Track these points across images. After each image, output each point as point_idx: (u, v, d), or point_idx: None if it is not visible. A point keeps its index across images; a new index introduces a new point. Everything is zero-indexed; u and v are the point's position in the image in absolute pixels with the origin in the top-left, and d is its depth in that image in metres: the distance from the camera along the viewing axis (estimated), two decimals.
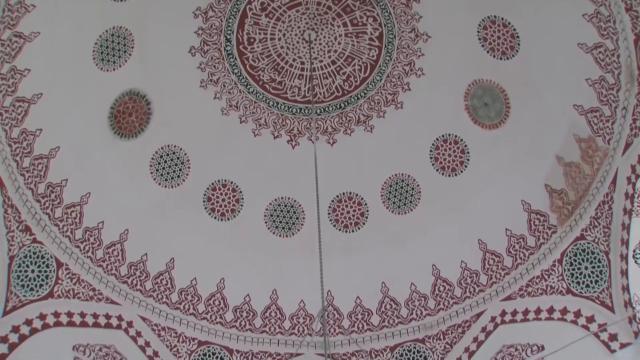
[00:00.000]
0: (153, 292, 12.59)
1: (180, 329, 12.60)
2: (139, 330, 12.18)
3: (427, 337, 12.79)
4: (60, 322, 11.22)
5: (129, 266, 12.45)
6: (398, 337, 12.89)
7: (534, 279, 11.91)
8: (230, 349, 12.80)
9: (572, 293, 11.26)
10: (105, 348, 11.70)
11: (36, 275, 11.00)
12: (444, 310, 12.84)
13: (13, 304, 10.59)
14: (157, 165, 12.94)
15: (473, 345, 12.31)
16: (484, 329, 12.29)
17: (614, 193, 10.45)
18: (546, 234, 11.95)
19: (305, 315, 13.28)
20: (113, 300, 12.05)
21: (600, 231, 10.81)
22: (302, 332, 13.05)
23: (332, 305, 13.20)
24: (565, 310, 11.29)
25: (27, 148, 10.97)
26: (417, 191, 13.41)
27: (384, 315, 13.14)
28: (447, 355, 12.52)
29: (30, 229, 10.97)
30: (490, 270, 12.58)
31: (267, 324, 13.15)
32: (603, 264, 10.78)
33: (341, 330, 13.03)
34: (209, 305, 13.00)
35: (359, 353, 12.90)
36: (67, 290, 11.43)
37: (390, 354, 12.84)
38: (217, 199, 13.39)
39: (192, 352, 12.59)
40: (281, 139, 13.45)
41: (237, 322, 13.04)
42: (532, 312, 11.75)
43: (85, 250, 11.91)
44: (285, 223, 13.63)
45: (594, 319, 10.85)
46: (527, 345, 11.62)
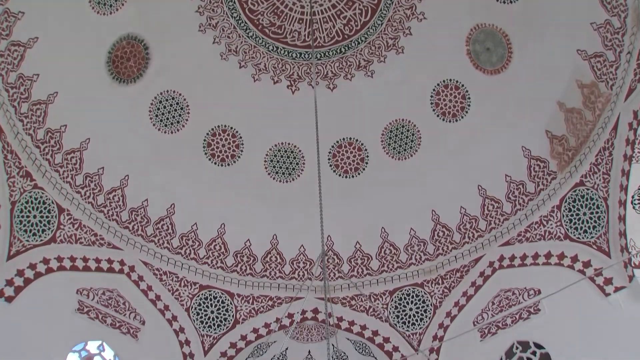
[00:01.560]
0: (154, 237, 12.70)
1: (181, 273, 12.76)
2: (140, 274, 12.35)
3: (426, 281, 12.96)
4: (63, 267, 11.37)
5: (130, 212, 12.52)
6: (397, 282, 13.07)
7: (532, 225, 11.99)
8: (231, 293, 13.00)
9: (570, 238, 11.35)
10: (108, 292, 11.87)
11: (38, 220, 11.08)
12: (442, 255, 12.99)
13: (17, 248, 10.71)
14: (157, 110, 12.86)
15: (471, 289, 12.49)
16: (482, 274, 12.45)
17: (614, 139, 10.41)
18: (546, 180, 11.97)
19: (305, 259, 13.43)
20: (115, 245, 12.17)
21: (600, 177, 10.82)
22: (302, 276, 13.22)
23: (332, 250, 13.34)
24: (562, 256, 11.40)
25: (25, 93, 10.88)
26: (417, 137, 13.37)
27: (383, 260, 13.29)
28: (446, 299, 12.71)
29: (31, 174, 10.99)
30: (490, 216, 12.65)
31: (268, 268, 13.32)
32: (601, 210, 10.83)
33: (341, 274, 13.20)
34: (210, 250, 13.13)
35: (359, 297, 13.10)
36: (69, 236, 11.52)
37: (389, 298, 13.03)
38: (217, 145, 13.36)
39: (194, 296, 12.78)
40: (281, 84, 13.31)
41: (237, 267, 13.20)
42: (530, 258, 11.87)
43: (86, 196, 11.95)
44: (285, 169, 13.63)
45: (590, 263, 10.97)
46: (524, 290, 11.78)
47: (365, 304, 13.03)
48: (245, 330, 12.81)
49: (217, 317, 12.80)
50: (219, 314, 12.84)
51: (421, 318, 12.77)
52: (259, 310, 12.99)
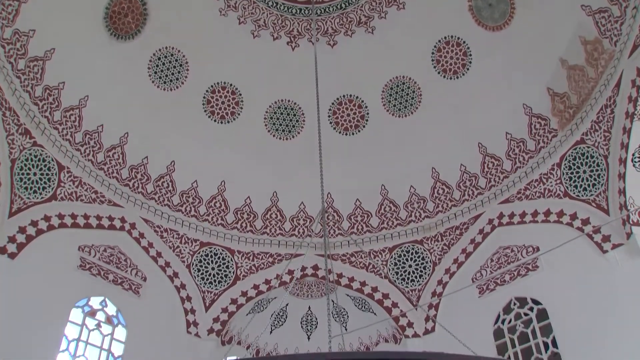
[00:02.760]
0: (154, 195, 12.73)
1: (182, 230, 12.84)
2: (141, 231, 12.42)
3: (425, 238, 13.05)
4: (64, 224, 11.42)
5: (130, 169, 12.53)
6: (397, 239, 13.16)
7: (532, 183, 12.01)
8: (232, 250, 13.10)
9: (569, 196, 11.38)
10: (109, 249, 11.95)
11: (38, 178, 11.08)
12: (442, 212, 13.04)
13: (18, 205, 10.74)
14: (156, 67, 12.73)
15: (470, 246, 12.58)
16: (481, 231, 12.52)
17: (617, 96, 10.34)
18: (546, 137, 11.94)
19: (305, 217, 13.50)
20: (115, 202, 12.22)
21: (601, 135, 10.78)
22: (302, 233, 13.30)
23: (332, 207, 13.39)
24: (561, 213, 11.45)
25: (21, 50, 10.76)
26: (418, 94, 13.27)
27: (383, 217, 13.35)
28: (445, 256, 12.81)
29: (30, 132, 10.95)
30: (489, 174, 12.66)
31: (268, 225, 13.39)
32: (601, 168, 10.83)
33: (341, 231, 13.27)
34: (210, 207, 13.18)
35: (358, 254, 13.20)
36: (70, 193, 11.55)
37: (389, 255, 13.14)
38: (217, 102, 13.28)
39: (195, 253, 12.88)
40: (281, 41, 13.14)
41: (238, 224, 13.27)
42: (529, 215, 11.92)
43: (86, 154, 11.94)
44: (286, 126, 13.57)
45: (589, 221, 11.01)
46: (523, 247, 11.86)
47: (364, 260, 13.14)
48: (246, 287, 12.95)
49: (217, 274, 12.93)
50: (220, 270, 12.96)
51: (420, 275, 12.89)
52: (259, 267, 13.11)
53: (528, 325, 11.25)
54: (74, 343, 10.80)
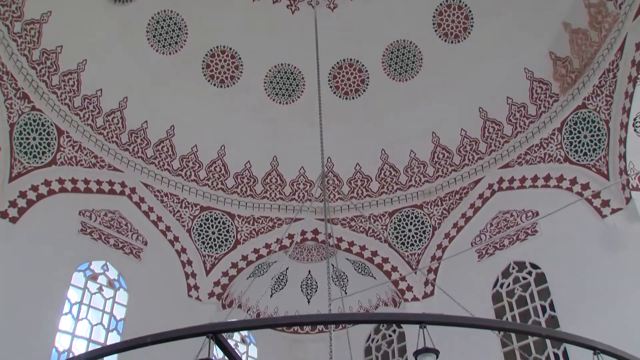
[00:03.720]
0: (154, 159, 12.72)
1: (182, 195, 12.86)
2: (142, 196, 12.45)
3: (425, 203, 13.08)
4: (65, 189, 11.43)
5: (130, 134, 12.49)
6: (397, 203, 13.20)
7: (532, 147, 11.99)
8: (232, 214, 13.14)
9: (570, 161, 11.37)
10: (110, 213, 11.99)
11: (38, 142, 11.06)
12: (442, 177, 13.04)
13: (18, 170, 10.73)
14: (154, 31, 12.59)
15: (470, 211, 12.62)
16: (481, 196, 12.54)
17: (620, 60, 10.24)
18: (547, 102, 11.87)
19: (305, 181, 13.50)
20: (115, 167, 12.21)
21: (603, 99, 10.72)
22: (302, 197, 13.33)
23: (332, 172, 13.39)
24: (561, 178, 11.45)
25: (17, 12, 10.62)
26: (419, 58, 13.14)
27: (383, 182, 13.36)
28: (444, 221, 12.86)
29: (28, 96, 10.88)
30: (490, 139, 12.63)
31: (268, 189, 13.41)
32: (602, 133, 10.80)
33: (341, 196, 13.28)
34: (210, 171, 13.18)
35: (358, 218, 13.25)
36: (70, 158, 11.54)
37: (388, 219, 13.18)
38: (216, 66, 13.16)
39: (195, 217, 12.93)
40: (280, 4, 12.96)
41: (238, 188, 13.29)
42: (529, 180, 11.93)
43: (85, 118, 11.89)
44: (285, 90, 13.48)
45: (588, 186, 11.02)
46: (522, 212, 11.89)
47: (364, 224, 13.20)
48: (246, 251, 13.03)
49: (218, 238, 13.00)
50: (220, 234, 13.02)
51: (420, 239, 12.96)
52: (260, 231, 13.17)
53: (526, 289, 11.35)
54: (76, 306, 10.90)
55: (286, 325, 13.16)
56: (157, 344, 4.24)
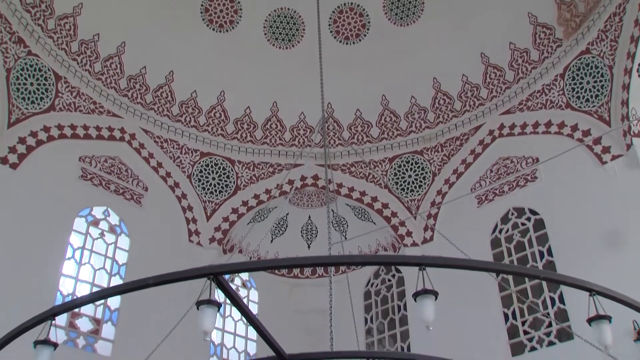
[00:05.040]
0: (154, 105, 12.64)
1: (182, 141, 12.83)
2: (142, 142, 12.43)
3: (426, 149, 13.06)
4: (64, 135, 11.41)
5: (128, 79, 12.37)
6: (397, 149, 13.18)
7: (534, 94, 11.91)
8: (232, 160, 13.14)
9: (571, 107, 11.31)
10: (110, 159, 11.99)
11: (35, 88, 10.97)
12: (443, 123, 12.99)
13: (16, 116, 10.69)
14: None
15: (470, 157, 12.61)
16: (481, 142, 12.52)
17: (627, 4, 10.06)
18: (551, 47, 11.72)
19: (305, 127, 13.45)
20: (114, 113, 12.15)
21: (607, 45, 10.58)
22: (302, 143, 13.30)
23: (332, 117, 13.31)
24: (562, 125, 11.41)
25: None
26: (421, 2, 12.88)
27: (383, 128, 13.30)
28: (444, 167, 12.86)
29: (24, 40, 10.74)
30: (491, 84, 12.52)
31: (268, 135, 13.36)
32: (605, 78, 10.71)
33: (341, 141, 13.26)
34: (210, 117, 13.11)
35: (358, 164, 13.25)
36: (68, 104, 11.47)
37: (388, 165, 13.19)
38: (215, 10, 12.90)
39: (195, 163, 12.93)
40: None
41: (238, 134, 13.24)
42: (530, 126, 11.89)
43: (82, 64, 11.76)
44: (285, 35, 13.27)
45: (589, 133, 10.99)
46: (523, 158, 11.89)
47: (364, 170, 13.21)
48: (247, 196, 13.08)
49: (218, 184, 13.03)
50: (220, 180, 13.05)
51: (420, 185, 12.99)
52: (260, 177, 13.19)
53: (525, 235, 11.44)
54: (79, 251, 11.01)
55: (286, 267, 13.34)
56: (159, 285, 4.28)
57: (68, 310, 6.40)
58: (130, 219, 11.88)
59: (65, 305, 4.85)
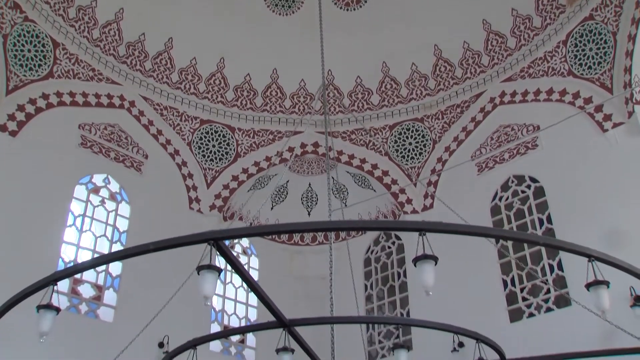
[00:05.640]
0: (153, 72, 12.55)
1: (182, 108, 12.77)
2: (141, 109, 12.38)
3: (426, 116, 13.01)
4: (63, 102, 11.37)
5: (127, 46, 12.26)
6: (397, 116, 13.12)
7: (536, 61, 11.82)
8: (232, 127, 13.09)
9: (573, 75, 11.23)
10: (110, 127, 11.96)
11: (33, 55, 10.89)
12: (443, 90, 12.91)
13: (14, 83, 10.64)
14: None
15: (470, 125, 12.57)
16: (482, 110, 12.46)
17: None
18: (553, 14, 11.59)
19: (305, 94, 13.36)
20: (114, 80, 12.08)
21: (611, 10, 10.46)
22: (302, 110, 13.24)
23: (332, 84, 13.22)
24: (564, 92, 11.35)
25: None
26: None
27: (384, 95, 13.23)
28: (445, 134, 12.83)
29: (20, 6, 10.61)
30: (493, 52, 12.41)
31: (268, 102, 13.29)
32: (609, 45, 10.61)
33: (341, 108, 13.20)
34: (210, 84, 13.02)
35: (359, 131, 13.21)
36: (67, 71, 11.40)
37: (389, 133, 13.14)
38: None
39: (195, 131, 12.89)
40: None
41: (238, 101, 13.18)
42: (531, 94, 11.83)
43: (80, 30, 11.64)
44: (286, 1, 13.08)
45: (591, 100, 10.94)
46: (523, 126, 11.85)
47: (365, 137, 13.18)
48: (247, 164, 13.07)
49: (218, 151, 13.01)
50: (221, 147, 13.03)
51: (420, 152, 12.97)
52: (260, 144, 13.16)
53: (524, 203, 11.46)
54: (79, 218, 11.05)
55: (287, 232, 13.41)
56: (159, 250, 4.30)
57: (70, 275, 6.46)
58: (130, 186, 11.89)
59: (67, 270, 4.89)
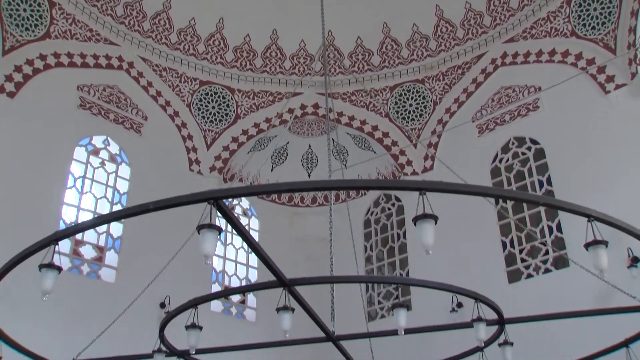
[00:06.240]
0: (152, 33, 12.41)
1: (181, 69, 12.67)
2: (140, 70, 12.28)
3: (427, 77, 12.90)
4: (61, 63, 11.28)
5: (125, 6, 12.10)
6: (398, 78, 13.01)
7: (539, 21, 11.68)
8: (232, 89, 13.00)
9: (577, 35, 11.12)
10: (108, 88, 11.89)
11: (29, 14, 10.77)
12: (444, 51, 12.77)
13: (11, 43, 10.54)
14: None
15: (472, 86, 12.49)
16: (483, 71, 12.37)
17: None
18: None
19: (305, 55, 13.22)
20: (112, 41, 11.96)
21: None
22: (302, 71, 13.12)
23: (332, 45, 13.08)
24: (566, 53, 11.25)
25: None
26: None
27: (384, 56, 13.09)
28: (446, 95, 12.75)
29: None
30: (495, 12, 12.25)
31: (268, 63, 13.17)
32: (614, 5, 10.48)
33: (342, 70, 13.08)
34: (209, 45, 12.88)
35: (359, 92, 13.13)
36: (64, 31, 11.28)
37: (389, 94, 13.06)
38: None
39: (195, 92, 12.81)
40: None
41: (237, 62, 13.05)
42: (533, 55, 11.73)
43: None
44: None
45: (594, 61, 10.85)
46: (525, 87, 11.78)
47: (365, 99, 13.10)
48: (247, 125, 13.02)
49: (218, 113, 12.95)
50: (220, 109, 12.96)
51: (421, 114, 12.91)
52: (260, 106, 13.09)
53: (525, 164, 11.46)
54: (80, 180, 11.06)
55: (287, 191, 13.43)
56: (159, 210, 4.30)
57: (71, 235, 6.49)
58: (130, 148, 11.88)
59: (68, 230, 4.90)
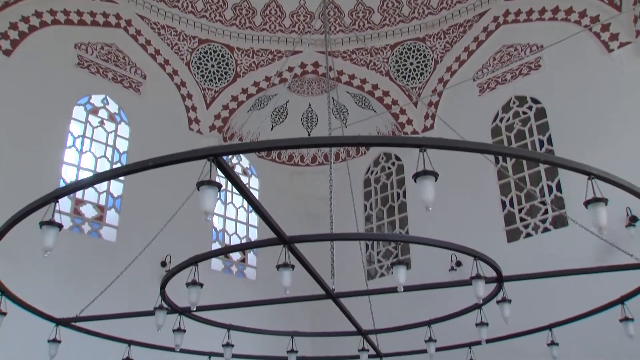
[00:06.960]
0: None
1: (179, 27, 12.50)
2: (138, 29, 12.13)
3: (428, 36, 12.75)
4: (57, 21, 11.15)
5: None
6: (399, 36, 12.85)
7: None
8: (231, 47, 12.86)
9: None
10: (106, 47, 11.78)
11: None
12: (446, 9, 12.57)
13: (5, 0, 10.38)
14: None
15: (473, 44, 12.35)
16: (485, 29, 12.22)
17: None
18: None
19: (305, 12, 13.01)
20: None
21: None
22: (302, 29, 12.96)
23: (333, 3, 12.85)
24: (570, 11, 11.11)
25: None
26: None
27: (385, 14, 12.90)
28: (447, 54, 12.62)
29: None
30: None
31: (267, 21, 12.98)
32: None
33: (342, 28, 12.92)
34: (208, 2, 12.66)
35: (359, 51, 12.99)
36: None
37: (390, 52, 12.92)
38: None
39: (194, 50, 12.67)
40: None
41: (236, 20, 12.88)
42: (536, 12, 11.58)
43: None
44: None
45: (598, 19, 10.70)
46: (527, 46, 11.66)
47: (365, 57, 12.97)
48: (246, 84, 12.91)
49: (217, 71, 12.83)
50: (220, 67, 12.84)
51: (421, 72, 12.79)
52: (259, 64, 12.96)
53: (525, 124, 11.42)
54: (79, 139, 11.03)
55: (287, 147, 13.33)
56: (158, 167, 4.28)
57: (71, 192, 6.53)
58: (129, 107, 11.82)
59: (68, 187, 4.89)
